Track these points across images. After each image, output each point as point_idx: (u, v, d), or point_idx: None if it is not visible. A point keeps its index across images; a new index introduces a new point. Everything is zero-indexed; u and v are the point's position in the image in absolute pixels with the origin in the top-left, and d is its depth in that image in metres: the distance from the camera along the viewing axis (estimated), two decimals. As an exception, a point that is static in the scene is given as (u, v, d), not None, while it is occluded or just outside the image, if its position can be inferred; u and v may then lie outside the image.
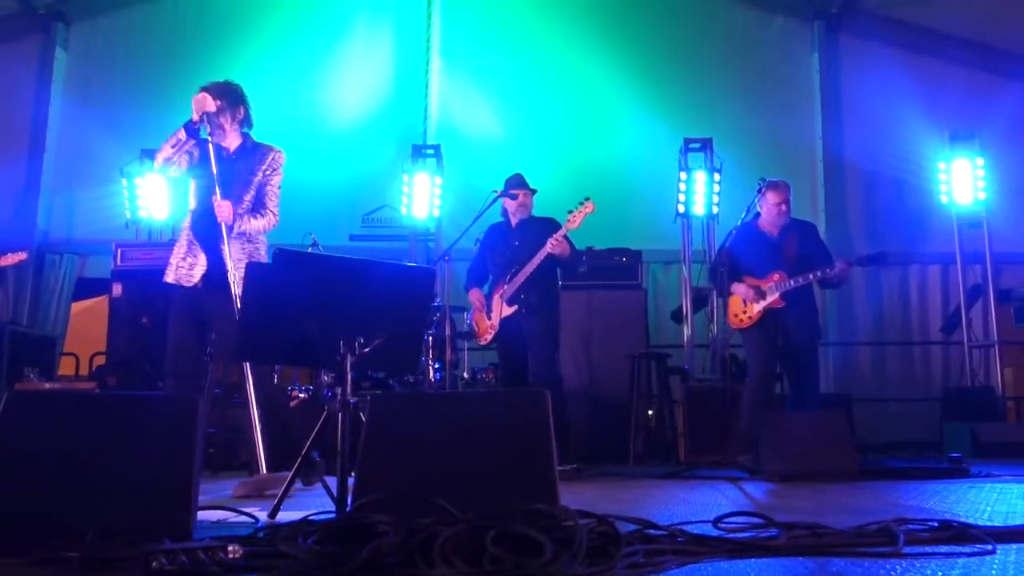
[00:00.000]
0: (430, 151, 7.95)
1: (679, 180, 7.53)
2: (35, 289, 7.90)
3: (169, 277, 3.99)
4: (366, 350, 2.67)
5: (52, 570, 1.81)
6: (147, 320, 5.60)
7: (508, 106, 8.51)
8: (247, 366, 3.87)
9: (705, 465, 4.85)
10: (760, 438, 4.41)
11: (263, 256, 4.07)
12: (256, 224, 4.04)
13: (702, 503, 3.27)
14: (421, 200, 7.75)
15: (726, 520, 2.27)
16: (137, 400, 2.31)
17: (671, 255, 7.86)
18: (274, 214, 4.13)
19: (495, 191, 5.23)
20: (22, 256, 5.56)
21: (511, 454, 2.16)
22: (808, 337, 4.98)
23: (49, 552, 1.86)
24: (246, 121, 4.17)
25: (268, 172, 4.13)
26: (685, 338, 7.35)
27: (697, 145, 7.63)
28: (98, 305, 6.55)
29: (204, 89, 4.01)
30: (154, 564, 1.72)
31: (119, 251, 5.93)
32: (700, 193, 7.49)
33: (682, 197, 7.52)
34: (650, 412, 6.13)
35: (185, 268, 3.96)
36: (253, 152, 4.13)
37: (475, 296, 5.31)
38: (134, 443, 2.19)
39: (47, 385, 5.74)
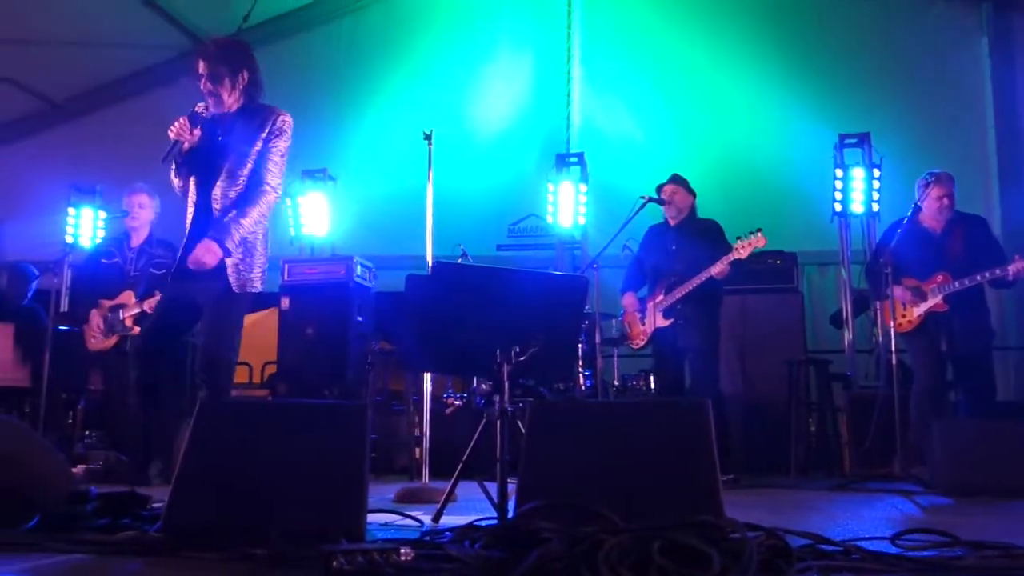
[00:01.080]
0: (574, 159, 7.98)
1: (834, 178, 7.19)
2: (211, 303, 8.53)
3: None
4: (522, 359, 2.72)
5: (243, 566, 1.95)
6: (312, 331, 5.92)
7: (651, 110, 8.42)
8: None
9: (874, 477, 4.59)
10: (934, 449, 4.13)
11: (258, 249, 3.61)
12: (249, 220, 3.47)
13: (874, 518, 3.10)
14: (566, 208, 7.78)
15: (905, 537, 2.14)
16: (312, 408, 2.45)
17: (828, 256, 7.51)
18: (272, 188, 3.55)
19: (642, 197, 5.19)
20: None
21: (672, 464, 2.13)
22: (977, 342, 4.62)
23: (239, 549, 2.00)
24: (252, 87, 3.59)
25: (269, 137, 3.53)
26: (846, 343, 6.99)
27: (853, 140, 7.25)
28: (268, 317, 6.97)
29: (202, 50, 3.52)
30: (334, 564, 1.81)
31: (286, 267, 6.29)
32: (858, 191, 7.10)
33: (838, 195, 7.15)
34: (810, 421, 5.88)
35: None
36: (254, 115, 3.56)
37: (628, 300, 5.30)
38: (310, 448, 2.32)
39: (225, 393, 6.19)
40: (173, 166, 3.56)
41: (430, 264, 3.94)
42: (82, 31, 8.33)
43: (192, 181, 3.59)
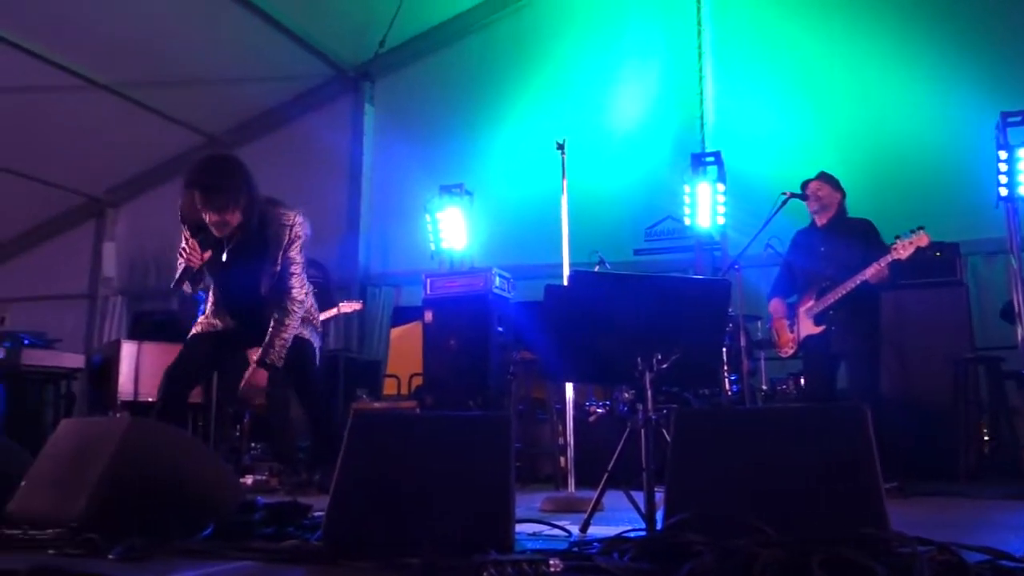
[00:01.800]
0: (710, 158, 7.79)
1: (997, 160, 6.65)
2: (360, 319, 8.89)
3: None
4: (664, 366, 2.67)
5: (397, 575, 2.00)
6: (454, 343, 6.06)
7: (790, 102, 8.08)
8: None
9: (1060, 484, 4.21)
10: None
11: (316, 319, 3.77)
12: (288, 333, 3.52)
13: (1062, 530, 2.84)
14: (704, 209, 7.61)
15: (1101, 552, 1.94)
16: (458, 419, 2.51)
17: (994, 244, 6.96)
18: (300, 288, 3.57)
19: (784, 193, 5.00)
20: (358, 306, 6.31)
21: (829, 473, 2.02)
22: None
23: (394, 559, 2.06)
24: (252, 201, 3.39)
25: (288, 247, 3.51)
26: (1019, 338, 6.45)
27: (1018, 118, 6.70)
28: (413, 330, 7.22)
29: (196, 181, 3.30)
30: (484, 575, 1.83)
31: (428, 281, 6.48)
32: (1026, 172, 6.54)
33: (1003, 179, 6.61)
34: (982, 423, 5.46)
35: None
36: (264, 226, 3.45)
37: (775, 306, 5.09)
38: (458, 459, 2.36)
39: (376, 404, 6.44)
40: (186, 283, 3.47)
41: (566, 273, 3.95)
42: (234, 69, 8.94)
43: (214, 288, 3.64)
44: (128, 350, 6.40)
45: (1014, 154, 6.59)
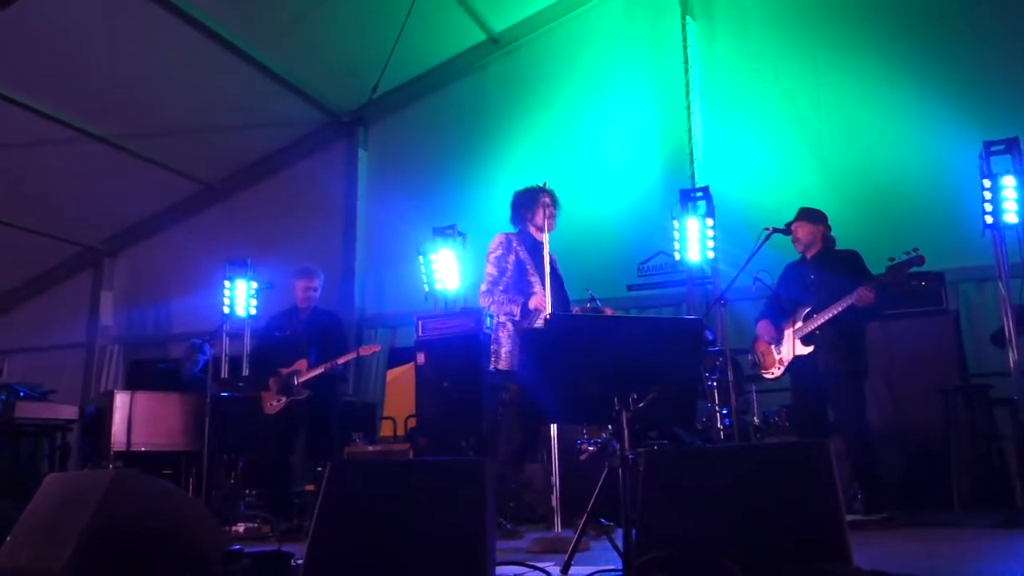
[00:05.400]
0: (699, 193, 7.87)
1: (982, 188, 6.71)
2: (357, 361, 8.91)
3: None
4: (640, 405, 2.71)
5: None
6: (447, 384, 6.09)
7: (777, 134, 8.18)
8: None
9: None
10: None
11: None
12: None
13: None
14: (694, 243, 7.68)
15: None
16: (435, 465, 2.54)
17: (984, 271, 6.99)
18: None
19: (767, 229, 5.07)
20: (376, 348, 6.43)
21: (795, 509, 2.05)
22: None
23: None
24: None
25: None
26: (1011, 364, 6.45)
27: (1001, 147, 6.77)
28: (408, 371, 7.24)
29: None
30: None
31: (420, 323, 6.53)
32: (1011, 200, 6.60)
33: (988, 207, 6.67)
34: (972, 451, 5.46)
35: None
36: None
37: (762, 327, 5.12)
38: (434, 505, 2.39)
39: (370, 448, 6.45)
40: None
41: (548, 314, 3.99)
42: (228, 117, 9.09)
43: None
44: (121, 400, 6.41)
45: (998, 182, 6.63)
